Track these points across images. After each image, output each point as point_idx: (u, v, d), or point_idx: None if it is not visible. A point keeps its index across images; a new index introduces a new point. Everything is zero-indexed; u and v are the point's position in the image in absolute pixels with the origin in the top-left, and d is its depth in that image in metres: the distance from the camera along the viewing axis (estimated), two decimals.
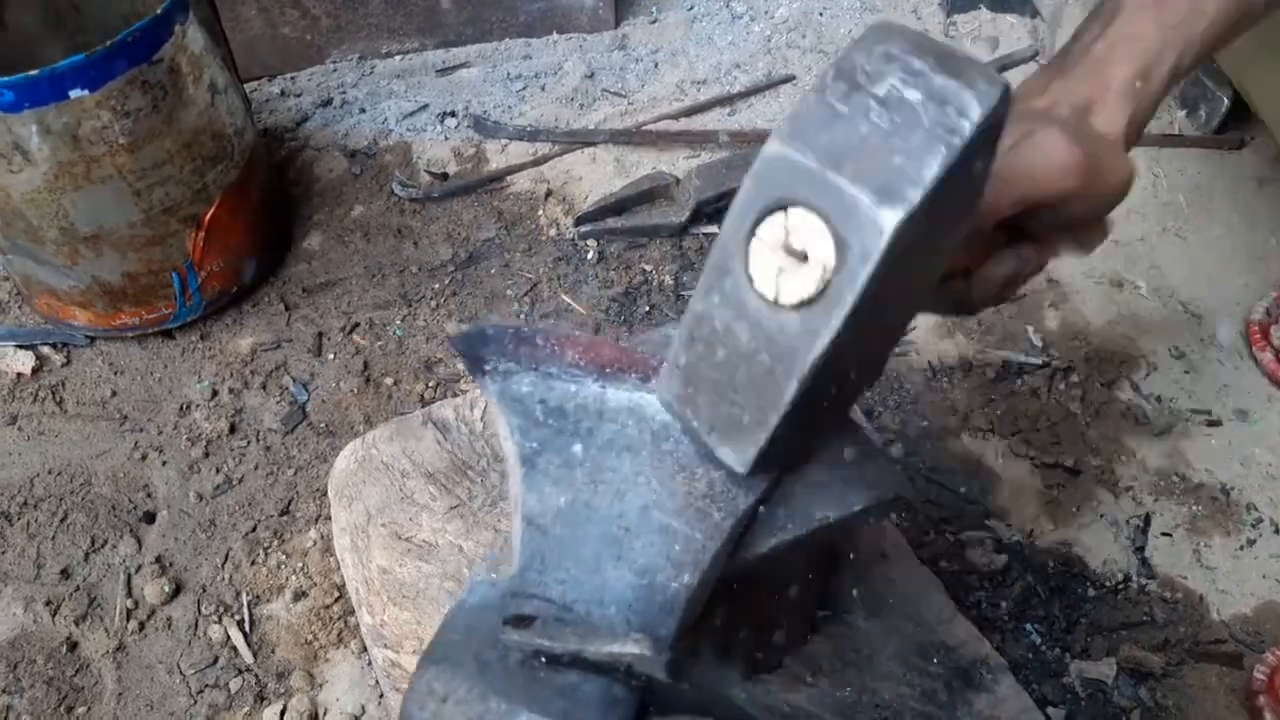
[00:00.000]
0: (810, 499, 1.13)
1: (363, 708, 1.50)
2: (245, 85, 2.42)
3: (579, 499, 1.03)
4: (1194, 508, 1.74)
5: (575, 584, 0.94)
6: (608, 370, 1.15)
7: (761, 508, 1.12)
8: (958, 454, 1.79)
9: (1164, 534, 1.71)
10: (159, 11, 1.65)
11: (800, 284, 0.80)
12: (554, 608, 0.90)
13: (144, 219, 1.81)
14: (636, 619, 0.90)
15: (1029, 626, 1.60)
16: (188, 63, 1.75)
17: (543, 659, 0.83)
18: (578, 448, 1.08)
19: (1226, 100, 2.28)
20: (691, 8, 2.75)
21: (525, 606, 0.90)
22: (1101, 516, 1.72)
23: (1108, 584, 1.65)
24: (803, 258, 0.80)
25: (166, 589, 1.65)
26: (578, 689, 0.82)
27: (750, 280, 0.84)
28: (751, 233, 0.82)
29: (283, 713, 1.48)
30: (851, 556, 1.47)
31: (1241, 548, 1.71)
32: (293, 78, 2.50)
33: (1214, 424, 1.85)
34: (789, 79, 2.50)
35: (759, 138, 2.34)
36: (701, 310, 0.89)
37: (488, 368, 1.15)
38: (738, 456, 0.96)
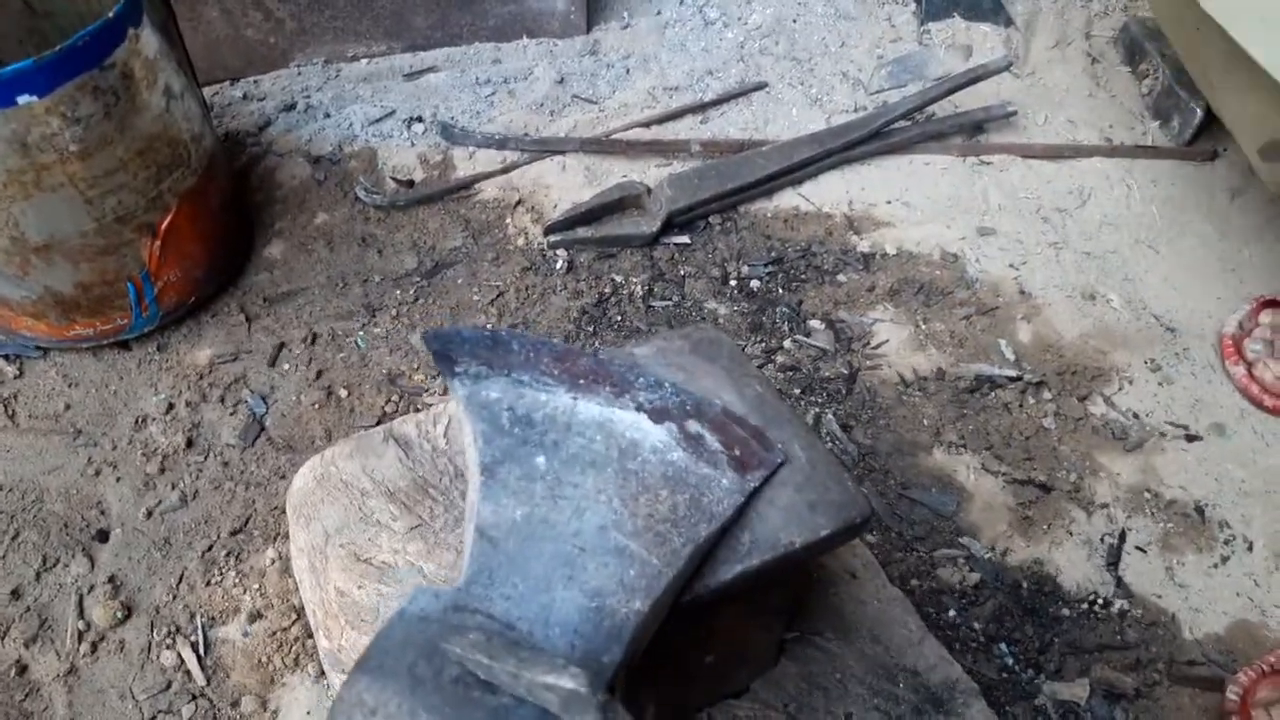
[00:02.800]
0: (776, 524, 1.11)
1: None
2: (206, 89, 2.37)
3: (536, 513, 1.00)
4: (1167, 525, 1.73)
5: (522, 601, 0.91)
6: (582, 382, 1.13)
7: (725, 533, 1.09)
8: (929, 469, 1.77)
9: (1138, 548, 1.70)
10: (110, 16, 1.60)
11: None
12: (497, 624, 0.87)
13: (97, 228, 1.75)
14: (581, 643, 0.87)
15: (1002, 646, 1.58)
16: (141, 67, 1.70)
17: (478, 677, 0.80)
18: (541, 460, 1.05)
19: (1199, 111, 2.28)
20: (662, 13, 2.72)
21: (468, 621, 0.87)
22: (1072, 534, 1.70)
23: (1081, 603, 1.63)
24: None
25: (119, 611, 1.60)
26: (509, 714, 0.79)
27: None
28: None
29: None
30: (820, 577, 1.45)
31: (1215, 565, 1.69)
32: (256, 81, 2.45)
33: (1193, 439, 1.84)
34: (762, 86, 2.48)
35: (731, 147, 2.31)
36: None
37: (459, 369, 1.12)
38: None
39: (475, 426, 1.09)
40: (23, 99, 1.56)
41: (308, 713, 1.47)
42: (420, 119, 2.35)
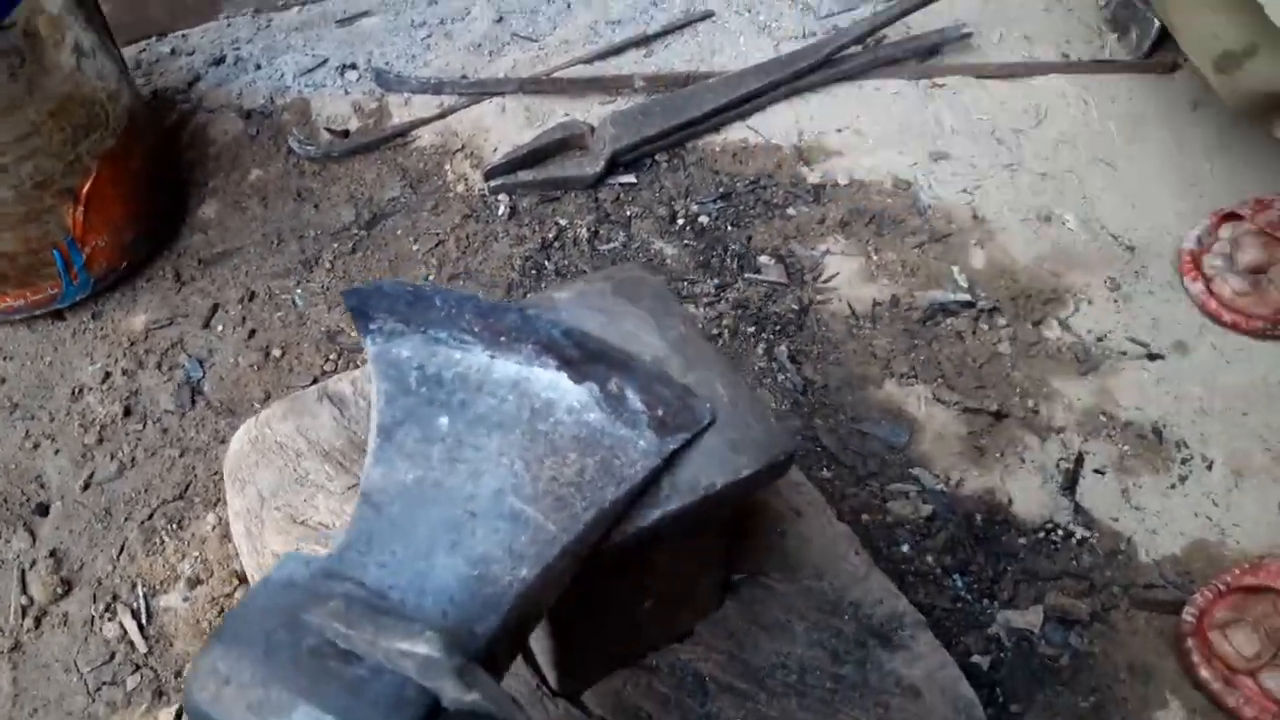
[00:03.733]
0: (697, 466, 1.07)
1: None
2: (132, 46, 2.29)
3: (429, 477, 0.95)
4: (1123, 447, 1.70)
5: (397, 569, 0.86)
6: (503, 339, 1.08)
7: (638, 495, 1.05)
8: (880, 402, 1.74)
9: (1095, 471, 1.67)
10: None
11: None
12: (365, 593, 0.83)
13: (14, 195, 1.70)
14: (455, 612, 0.83)
15: (955, 577, 1.56)
16: (46, 25, 1.63)
17: (337, 647, 0.76)
18: (444, 420, 1.00)
19: (1157, 22, 2.21)
20: None
21: (336, 589, 0.83)
22: (1025, 461, 1.67)
23: (1036, 532, 1.61)
24: None
25: (60, 585, 1.58)
26: (366, 685, 0.74)
27: None
28: None
29: (179, 712, 1.42)
30: (763, 516, 1.42)
31: (1172, 486, 1.67)
32: (184, 35, 2.37)
33: (1154, 357, 1.81)
34: (708, 15, 2.40)
35: (676, 81, 2.24)
36: None
37: (373, 326, 1.07)
38: None
39: (380, 386, 1.05)
40: None
41: None
42: (354, 66, 2.28)
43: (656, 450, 1.01)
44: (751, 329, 1.84)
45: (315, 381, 1.77)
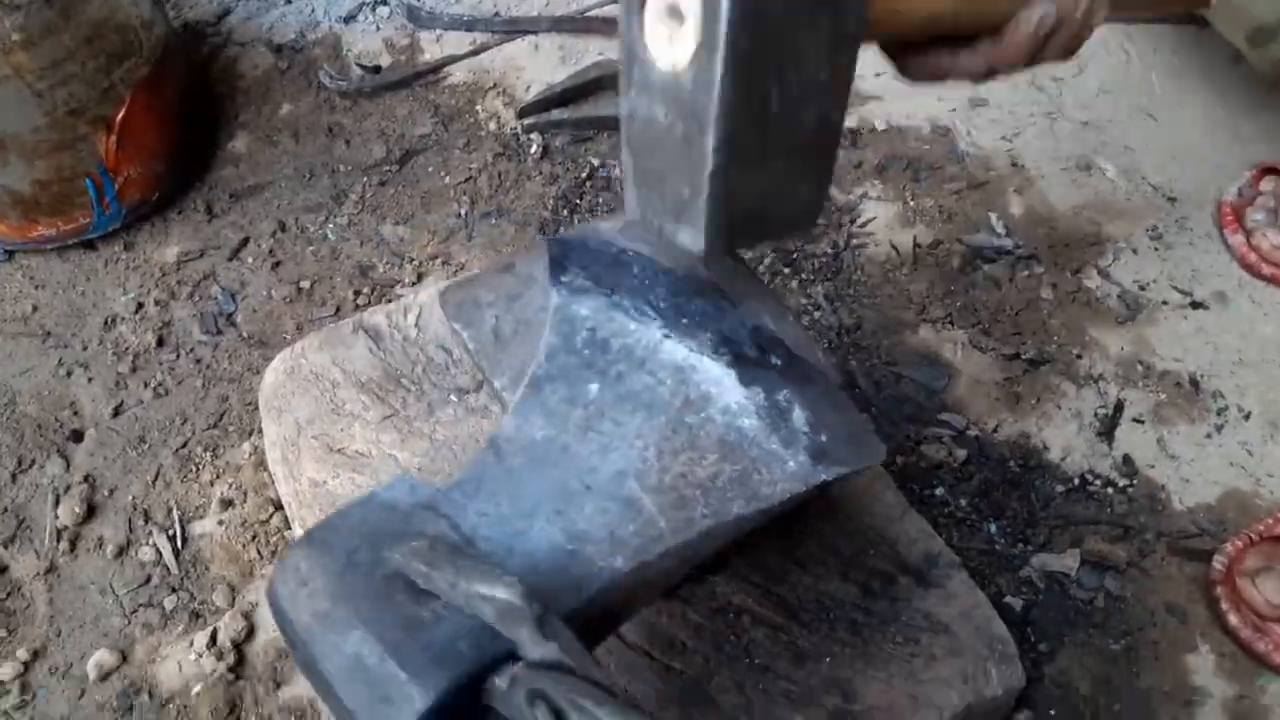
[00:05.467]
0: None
1: None
2: None
3: (559, 440, 0.92)
4: (1159, 396, 1.69)
5: (495, 523, 0.84)
6: (684, 321, 1.02)
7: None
8: (915, 347, 1.73)
9: (1135, 420, 1.66)
10: None
11: (685, 42, 0.81)
12: (456, 537, 0.80)
13: (49, 122, 1.69)
14: (537, 581, 0.78)
15: (989, 521, 1.55)
16: None
17: (413, 583, 0.75)
18: (594, 386, 0.97)
19: None
20: None
21: (429, 525, 0.81)
22: (1061, 408, 1.66)
23: (1071, 479, 1.60)
24: (680, 17, 0.81)
25: (95, 509, 1.59)
26: (424, 626, 0.71)
27: (651, 56, 0.86)
28: (641, 5, 0.86)
29: (215, 632, 1.43)
30: None
31: (1208, 435, 1.66)
32: None
33: (1197, 306, 1.79)
34: None
35: None
36: (626, 107, 0.94)
37: (564, 279, 1.05)
38: (692, 236, 0.91)
39: (547, 338, 1.02)
40: None
41: None
42: (385, 1, 2.26)
43: (804, 476, 0.94)
44: (788, 269, 1.82)
45: (338, 311, 1.77)
